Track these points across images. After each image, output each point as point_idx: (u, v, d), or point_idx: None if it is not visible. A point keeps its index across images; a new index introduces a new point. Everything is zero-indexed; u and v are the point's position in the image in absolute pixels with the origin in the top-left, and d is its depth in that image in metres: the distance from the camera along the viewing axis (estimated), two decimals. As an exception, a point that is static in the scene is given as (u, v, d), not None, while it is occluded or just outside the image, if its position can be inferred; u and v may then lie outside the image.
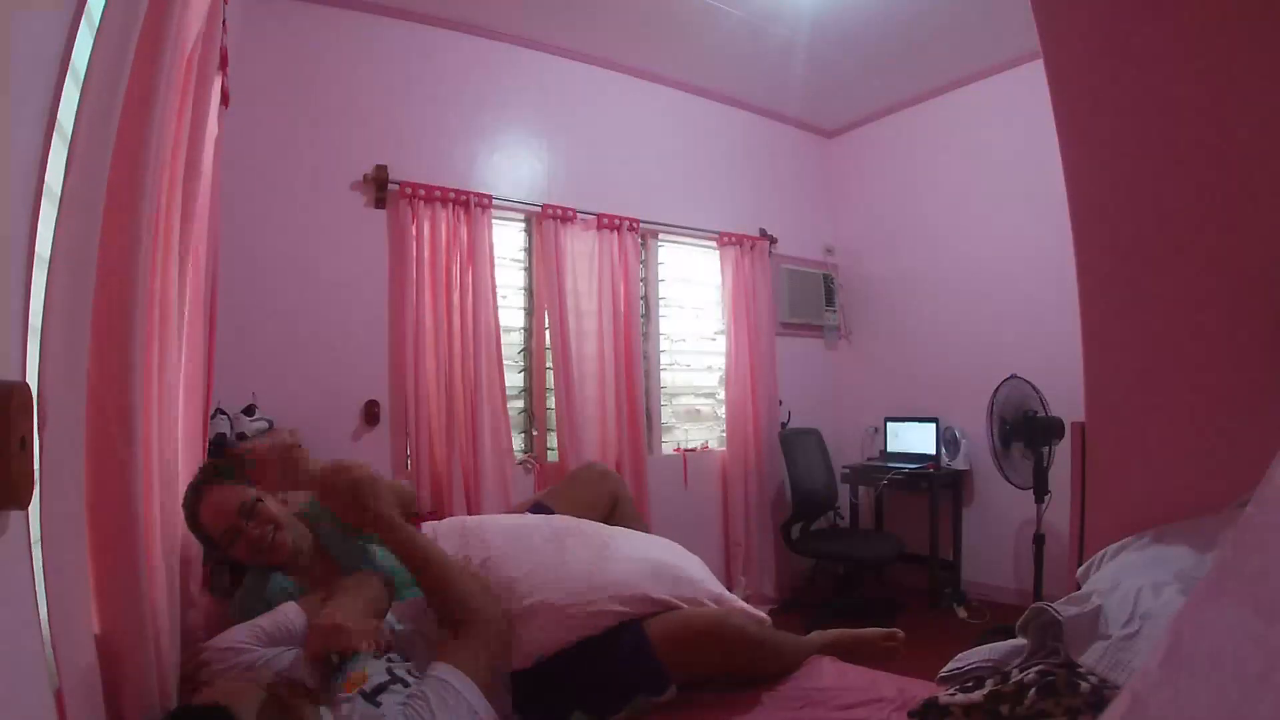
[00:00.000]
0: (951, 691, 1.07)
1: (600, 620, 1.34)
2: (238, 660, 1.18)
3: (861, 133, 4.33)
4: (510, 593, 1.36)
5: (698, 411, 3.85)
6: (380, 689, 1.12)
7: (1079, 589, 1.24)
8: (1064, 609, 1.05)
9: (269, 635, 1.27)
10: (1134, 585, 1.11)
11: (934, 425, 3.71)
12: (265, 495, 1.52)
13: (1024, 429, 2.89)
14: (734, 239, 3.76)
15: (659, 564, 1.49)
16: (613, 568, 1.43)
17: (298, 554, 1.53)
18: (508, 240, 3.22)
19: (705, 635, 1.36)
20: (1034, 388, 2.91)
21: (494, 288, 2.95)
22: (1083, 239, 1.52)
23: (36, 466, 0.61)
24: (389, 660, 1.21)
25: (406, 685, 1.15)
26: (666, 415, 3.66)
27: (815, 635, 1.63)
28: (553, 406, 3.14)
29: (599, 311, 3.24)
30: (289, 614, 1.31)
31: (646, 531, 1.89)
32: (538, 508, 1.88)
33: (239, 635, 1.24)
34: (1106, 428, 1.52)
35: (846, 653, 1.58)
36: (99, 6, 0.78)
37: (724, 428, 3.72)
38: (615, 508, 1.95)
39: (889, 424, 3.93)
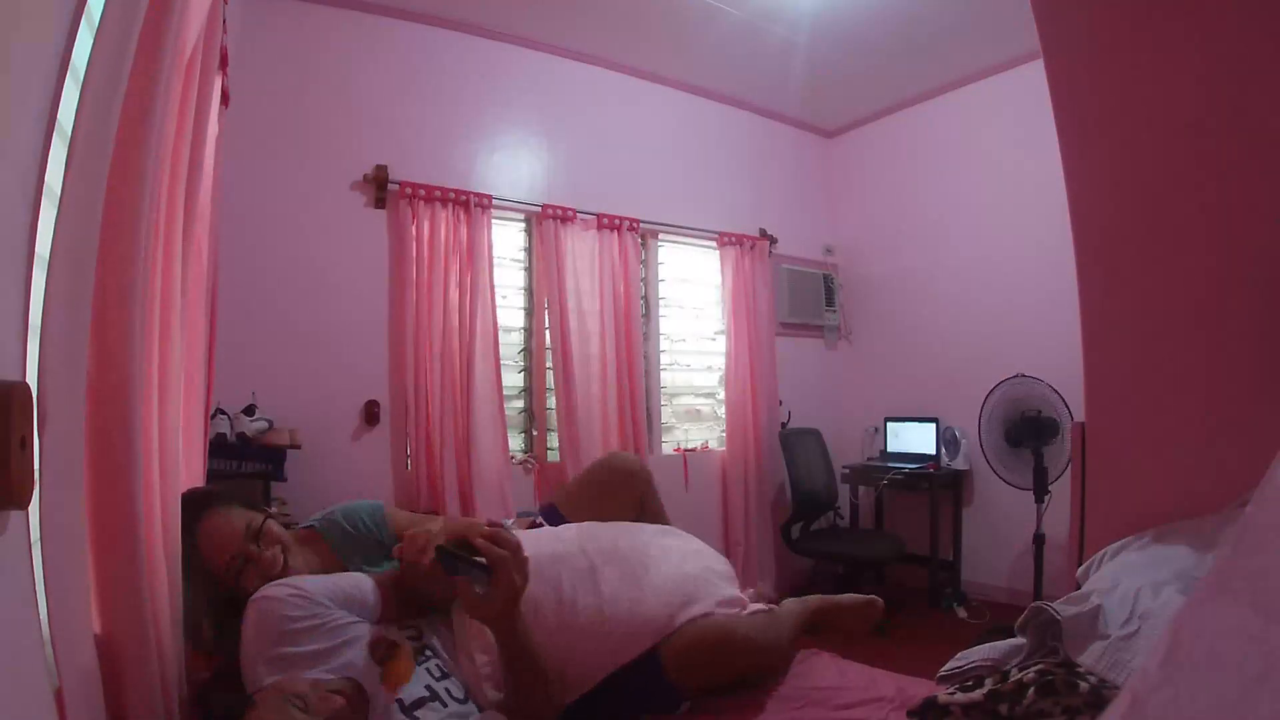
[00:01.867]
0: (951, 690, 1.07)
1: (636, 650, 1.30)
2: (311, 614, 1.05)
3: (861, 133, 4.33)
4: (557, 641, 1.28)
5: (698, 411, 3.85)
6: (419, 704, 1.07)
7: (1079, 589, 1.24)
8: (1063, 608, 1.05)
9: (344, 597, 1.13)
10: (1133, 585, 1.11)
11: (934, 425, 3.71)
12: (269, 515, 1.36)
13: (1022, 429, 2.89)
14: (734, 239, 3.76)
15: (693, 582, 1.42)
16: (650, 599, 1.35)
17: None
18: (508, 240, 3.22)
19: (716, 652, 1.32)
20: (1049, 385, 2.86)
21: (493, 287, 2.95)
22: (1082, 239, 1.52)
23: (36, 466, 0.61)
24: (428, 672, 1.15)
25: (445, 705, 1.10)
26: (666, 415, 3.66)
27: (793, 603, 1.55)
28: (553, 406, 3.14)
29: (599, 311, 3.24)
30: (360, 583, 1.17)
31: (667, 524, 1.72)
32: (550, 512, 1.69)
33: (310, 584, 1.11)
34: (1106, 428, 1.52)
35: (827, 622, 1.54)
36: (99, 6, 0.78)
37: (724, 428, 3.72)
38: (641, 509, 1.74)
39: (889, 424, 3.93)
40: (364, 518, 1.50)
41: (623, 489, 1.71)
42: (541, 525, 1.64)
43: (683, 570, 1.45)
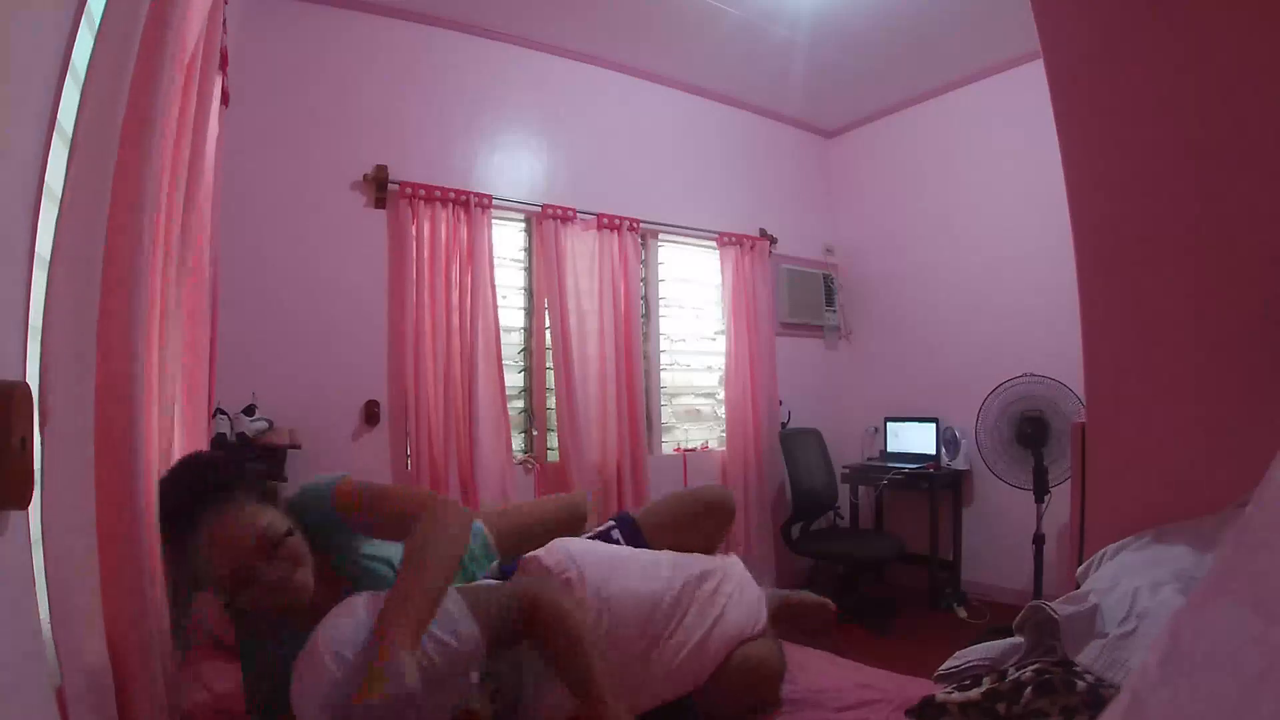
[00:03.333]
0: (949, 690, 1.07)
1: (691, 685, 1.27)
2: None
3: (861, 133, 4.33)
4: (626, 662, 1.22)
5: (698, 411, 3.85)
6: None
7: (1078, 588, 1.24)
8: (1061, 608, 1.05)
9: (451, 665, 0.93)
10: (1132, 584, 1.11)
11: (934, 425, 3.71)
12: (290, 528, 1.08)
13: (1024, 429, 2.89)
14: (734, 239, 3.76)
15: (751, 621, 1.38)
16: (716, 635, 1.31)
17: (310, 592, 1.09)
18: (508, 240, 3.22)
19: (756, 687, 1.30)
20: (1063, 384, 2.82)
21: (494, 288, 2.95)
22: (1083, 239, 1.52)
23: (38, 466, 0.61)
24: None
25: None
26: (666, 415, 3.66)
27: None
28: (553, 406, 3.14)
29: (599, 311, 3.24)
30: (474, 642, 0.96)
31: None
32: (627, 524, 1.53)
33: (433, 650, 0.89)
34: (1106, 427, 1.52)
35: (785, 620, 1.52)
36: (99, 6, 0.78)
37: (724, 428, 3.72)
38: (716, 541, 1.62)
39: (889, 424, 3.93)
40: (313, 515, 1.16)
41: (712, 524, 1.60)
42: (614, 532, 1.51)
43: (745, 610, 1.40)
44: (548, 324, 3.13)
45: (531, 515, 1.72)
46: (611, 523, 1.54)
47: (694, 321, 3.83)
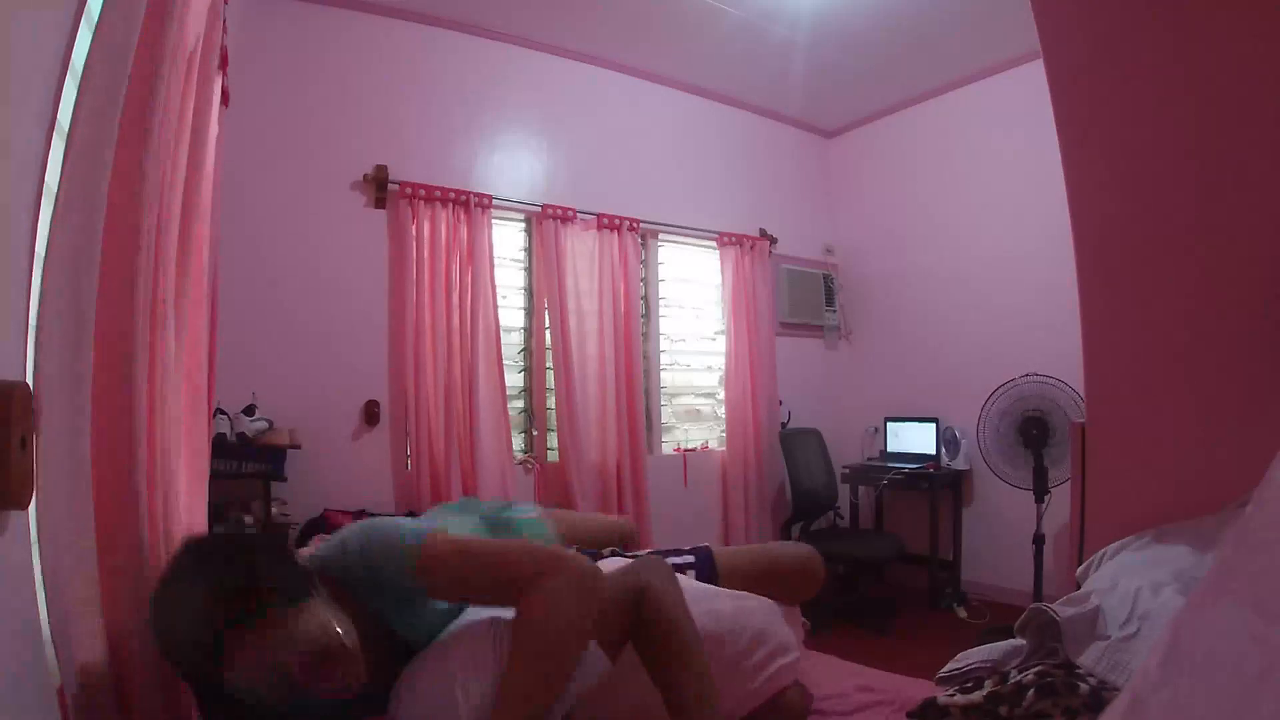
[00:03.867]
0: (950, 692, 1.07)
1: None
2: None
3: (861, 133, 4.33)
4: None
5: (698, 411, 3.85)
6: None
7: (1078, 589, 1.24)
8: (1062, 610, 1.05)
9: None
10: (1133, 585, 1.11)
11: (934, 425, 3.71)
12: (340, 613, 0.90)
13: (1026, 429, 2.89)
14: (734, 239, 3.76)
15: (793, 679, 1.34)
16: (764, 688, 1.26)
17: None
18: (508, 240, 3.22)
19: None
20: (1067, 384, 2.79)
21: (494, 288, 2.95)
22: (1083, 239, 1.52)
23: (36, 466, 0.61)
24: None
25: None
26: (666, 415, 3.66)
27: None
28: (553, 406, 3.14)
29: (599, 311, 3.24)
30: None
31: None
32: (706, 560, 1.45)
33: None
34: (1106, 427, 1.52)
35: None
36: (99, 6, 0.78)
37: (724, 428, 3.72)
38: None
39: (889, 424, 3.93)
40: (388, 567, 0.97)
41: (801, 589, 1.48)
42: (689, 570, 1.42)
43: (792, 666, 1.36)
44: (548, 324, 3.13)
45: (581, 525, 1.71)
46: (690, 557, 1.44)
47: (694, 321, 3.83)
